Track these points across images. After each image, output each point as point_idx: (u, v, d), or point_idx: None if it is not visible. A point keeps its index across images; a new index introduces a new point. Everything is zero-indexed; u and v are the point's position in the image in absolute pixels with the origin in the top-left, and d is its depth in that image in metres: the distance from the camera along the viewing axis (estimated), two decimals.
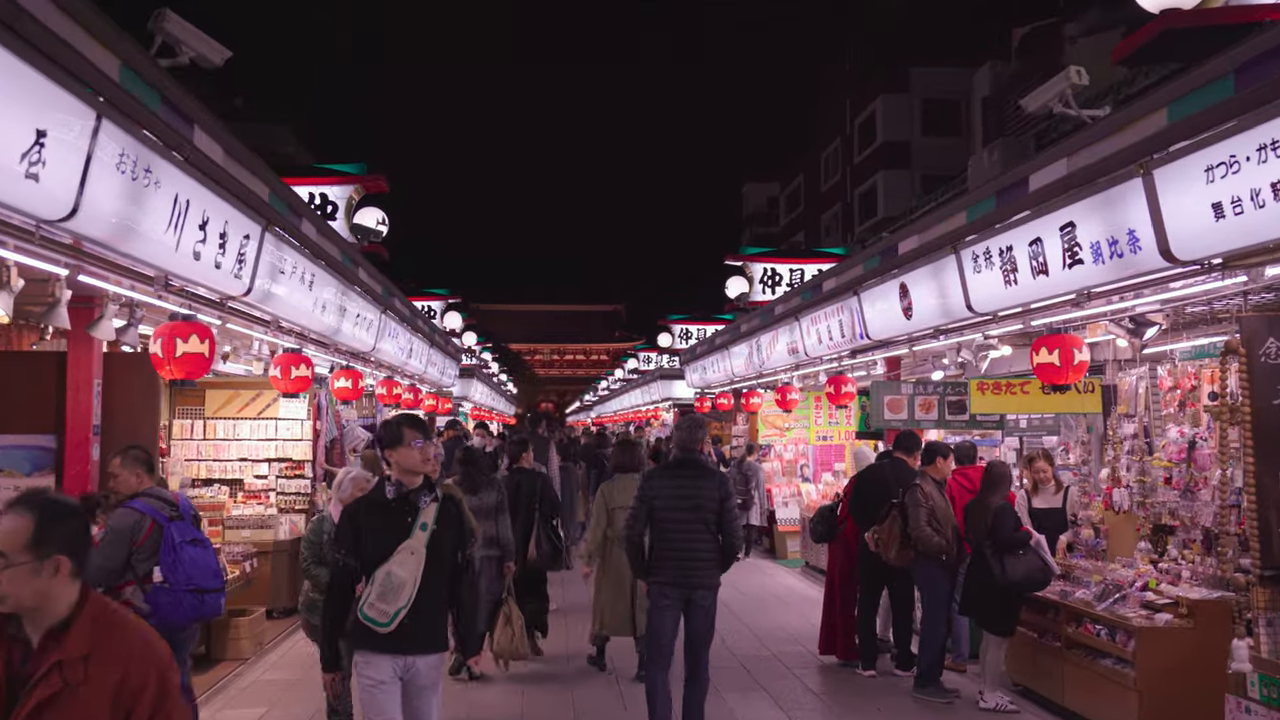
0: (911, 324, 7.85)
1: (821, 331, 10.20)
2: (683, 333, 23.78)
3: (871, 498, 7.55)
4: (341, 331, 8.81)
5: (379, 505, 4.15)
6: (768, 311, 12.39)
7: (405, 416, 4.54)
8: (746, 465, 13.90)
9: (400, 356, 12.20)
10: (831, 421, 15.29)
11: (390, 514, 4.10)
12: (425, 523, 4.08)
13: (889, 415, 10.55)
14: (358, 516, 4.15)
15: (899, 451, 7.69)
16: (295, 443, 10.08)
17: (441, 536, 4.10)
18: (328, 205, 10.22)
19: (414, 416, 4.88)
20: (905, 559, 6.93)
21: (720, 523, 5.60)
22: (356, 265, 8.86)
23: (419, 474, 4.15)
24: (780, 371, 13.02)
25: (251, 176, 5.72)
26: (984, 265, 6.33)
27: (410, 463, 4.11)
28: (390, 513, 4.10)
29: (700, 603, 5.58)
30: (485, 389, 27.90)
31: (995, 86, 31.48)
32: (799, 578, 12.66)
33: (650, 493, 5.69)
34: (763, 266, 15.12)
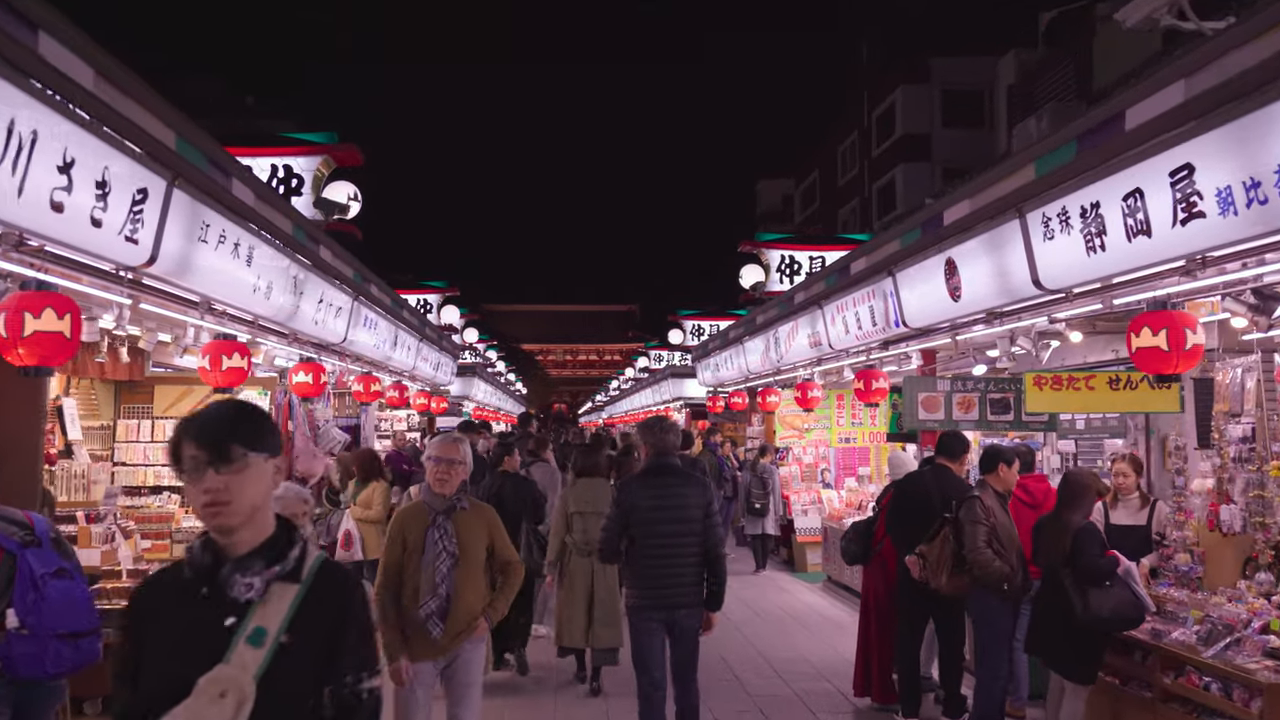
0: (959, 307, 6.65)
1: (849, 320, 9.01)
2: (695, 329, 22.60)
3: (911, 512, 6.36)
4: (300, 318, 7.68)
5: (176, 590, 2.05)
6: (786, 300, 11.20)
7: None
8: (761, 468, 12.68)
9: (382, 349, 11.06)
10: (855, 422, 14.07)
11: (192, 608, 2.01)
12: (261, 629, 1.99)
13: (923, 415, 9.43)
14: (140, 615, 2.08)
15: (942, 457, 6.49)
16: None
17: (294, 658, 1.98)
18: (292, 179, 9.09)
19: None
20: (958, 587, 5.73)
21: (705, 534, 5.15)
22: (316, 242, 7.73)
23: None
24: (800, 367, 11.82)
25: (148, 115, 4.59)
26: (1058, 230, 5.14)
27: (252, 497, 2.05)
28: (192, 606, 2.01)
29: (684, 624, 5.16)
30: (489, 388, 26.76)
31: (1021, 74, 30.32)
32: (821, 594, 11.46)
33: (628, 503, 5.21)
34: (780, 254, 13.93)
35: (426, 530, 4.49)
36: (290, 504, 4.26)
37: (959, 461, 6.54)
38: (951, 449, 6.45)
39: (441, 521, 4.51)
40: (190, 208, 5.13)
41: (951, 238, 6.46)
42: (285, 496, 4.24)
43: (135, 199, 4.53)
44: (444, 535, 4.47)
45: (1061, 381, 7.22)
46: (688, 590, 5.11)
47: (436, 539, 4.47)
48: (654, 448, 5.35)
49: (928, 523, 6.07)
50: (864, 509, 11.55)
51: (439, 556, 4.44)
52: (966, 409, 9.63)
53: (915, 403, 9.35)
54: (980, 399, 9.45)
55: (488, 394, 26.87)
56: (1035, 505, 6.26)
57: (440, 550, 4.45)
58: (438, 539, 4.47)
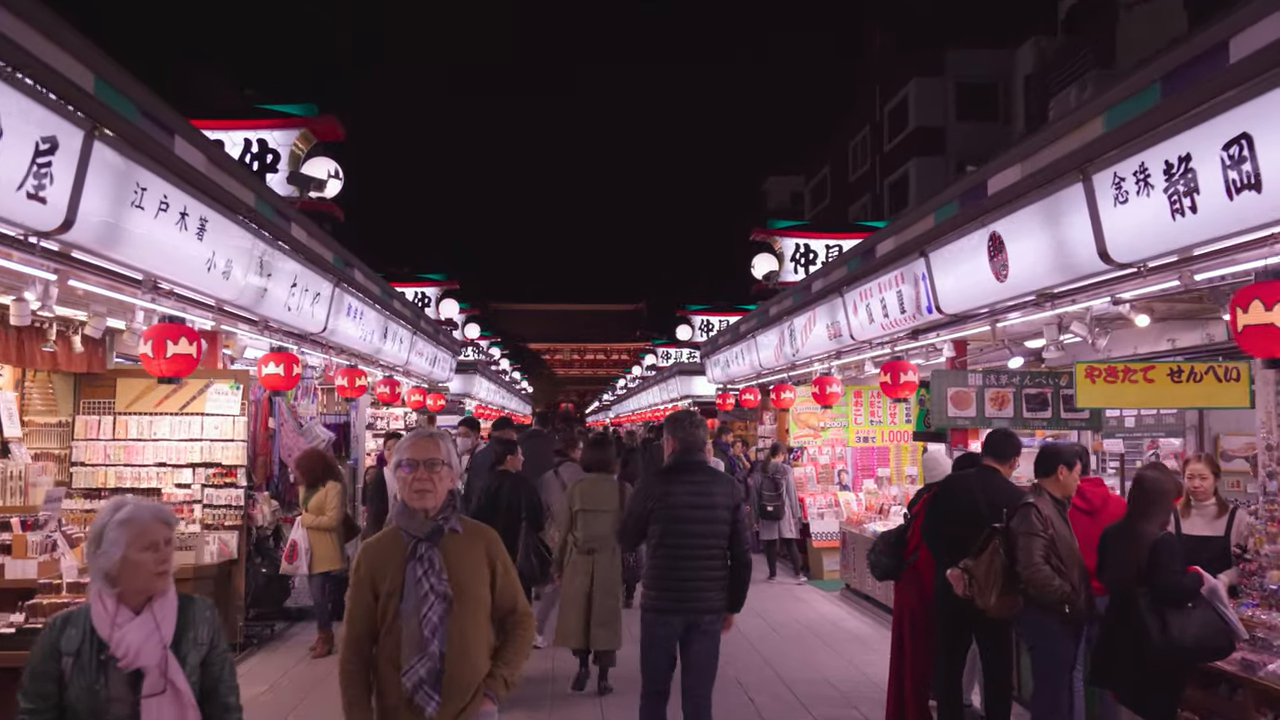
0: (1005, 289, 5.89)
1: (873, 308, 8.25)
2: (703, 324, 21.87)
3: (954, 520, 5.58)
4: (269, 303, 6.96)
5: None
6: (803, 289, 10.45)
7: None
8: (774, 468, 11.88)
9: (370, 341, 10.33)
10: (874, 420, 13.30)
11: None
12: None
13: (953, 412, 8.69)
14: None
15: (990, 458, 5.71)
16: (226, 444, 8.20)
17: None
18: (267, 154, 8.37)
19: None
20: (1009, 608, 4.95)
21: (733, 536, 4.90)
22: (288, 220, 7.00)
23: None
24: (817, 361, 11.06)
25: (58, 51, 3.86)
26: (1133, 191, 4.37)
27: None
28: None
29: (706, 629, 4.86)
30: (491, 386, 26.03)
31: (1039, 64, 29.58)
32: (839, 604, 10.70)
33: (653, 498, 4.90)
34: (794, 242, 13.18)
35: (406, 564, 3.19)
36: (148, 529, 2.73)
37: (1009, 464, 5.76)
38: (1001, 449, 5.66)
39: (425, 551, 3.19)
40: (119, 167, 4.40)
41: (997, 209, 5.69)
42: (136, 518, 2.71)
43: (40, 149, 3.79)
44: (430, 570, 3.17)
45: (1117, 373, 6.45)
46: (711, 594, 4.85)
47: (420, 575, 3.16)
48: (682, 443, 5.05)
49: (972, 532, 5.31)
50: (886, 513, 10.78)
51: (425, 601, 3.13)
52: (1001, 405, 8.89)
53: (945, 399, 8.62)
54: (1016, 394, 8.73)
55: (490, 392, 26.13)
56: (1093, 512, 5.48)
57: (427, 591, 3.14)
58: (421, 575, 3.16)
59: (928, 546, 5.95)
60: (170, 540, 2.79)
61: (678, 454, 5.05)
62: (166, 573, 2.77)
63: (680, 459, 5.02)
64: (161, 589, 2.76)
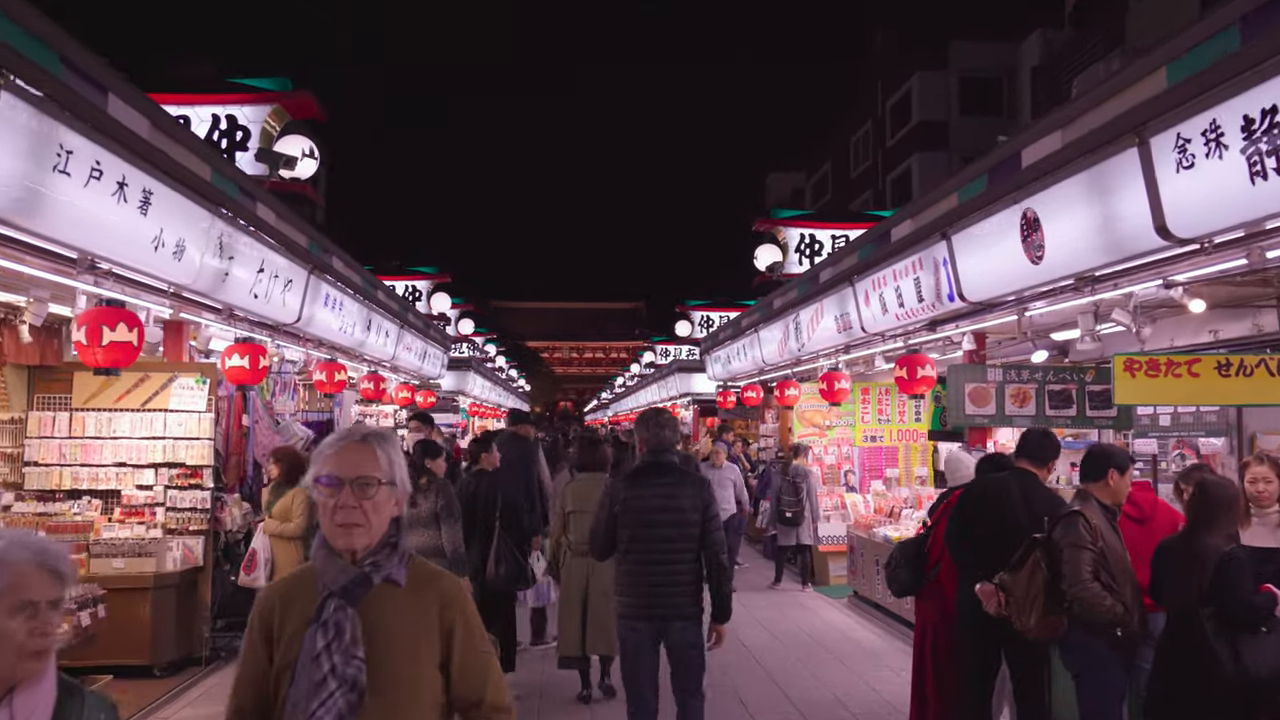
0: (1039, 272, 5.32)
1: (887, 298, 7.68)
2: (703, 320, 21.28)
3: (985, 529, 5.00)
4: (231, 288, 6.38)
5: None
6: (810, 279, 9.88)
7: None
8: (795, 470, 11.23)
9: (351, 334, 9.76)
10: (881, 419, 12.71)
11: None
12: None
13: (971, 409, 8.13)
14: None
15: (1025, 460, 5.13)
16: (191, 443, 7.62)
17: None
18: (236, 131, 7.78)
19: None
20: (1052, 630, 4.37)
21: (703, 539, 4.70)
22: (253, 199, 6.42)
23: None
24: (824, 356, 10.50)
25: None
26: (1200, 154, 3.80)
27: None
28: None
29: (681, 639, 4.68)
30: (486, 383, 25.44)
31: (1046, 55, 29.08)
32: (847, 612, 10.13)
33: (618, 502, 4.72)
34: (799, 232, 12.60)
35: (307, 629, 2.15)
36: (23, 582, 1.84)
37: (1047, 467, 5.16)
38: (1039, 451, 5.07)
39: (333, 614, 2.14)
40: (33, 122, 3.82)
41: (1033, 183, 5.12)
42: (4, 562, 1.84)
43: None
44: (336, 643, 2.11)
45: (1159, 367, 5.87)
46: (681, 600, 4.67)
47: (320, 650, 2.10)
48: (649, 443, 4.86)
49: (1007, 543, 4.73)
50: (896, 517, 10.21)
51: (321, 689, 2.08)
52: (1022, 402, 8.34)
53: (962, 395, 8.07)
54: (1038, 390, 8.17)
55: (486, 390, 25.54)
56: (1143, 520, 4.89)
57: (325, 675, 2.09)
58: (323, 650, 2.10)
59: (952, 557, 5.37)
60: (59, 602, 1.90)
61: (644, 455, 4.86)
62: (46, 651, 1.87)
63: (647, 460, 4.82)
64: (32, 673, 1.86)
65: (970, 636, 5.12)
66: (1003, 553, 4.75)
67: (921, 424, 12.74)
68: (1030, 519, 4.73)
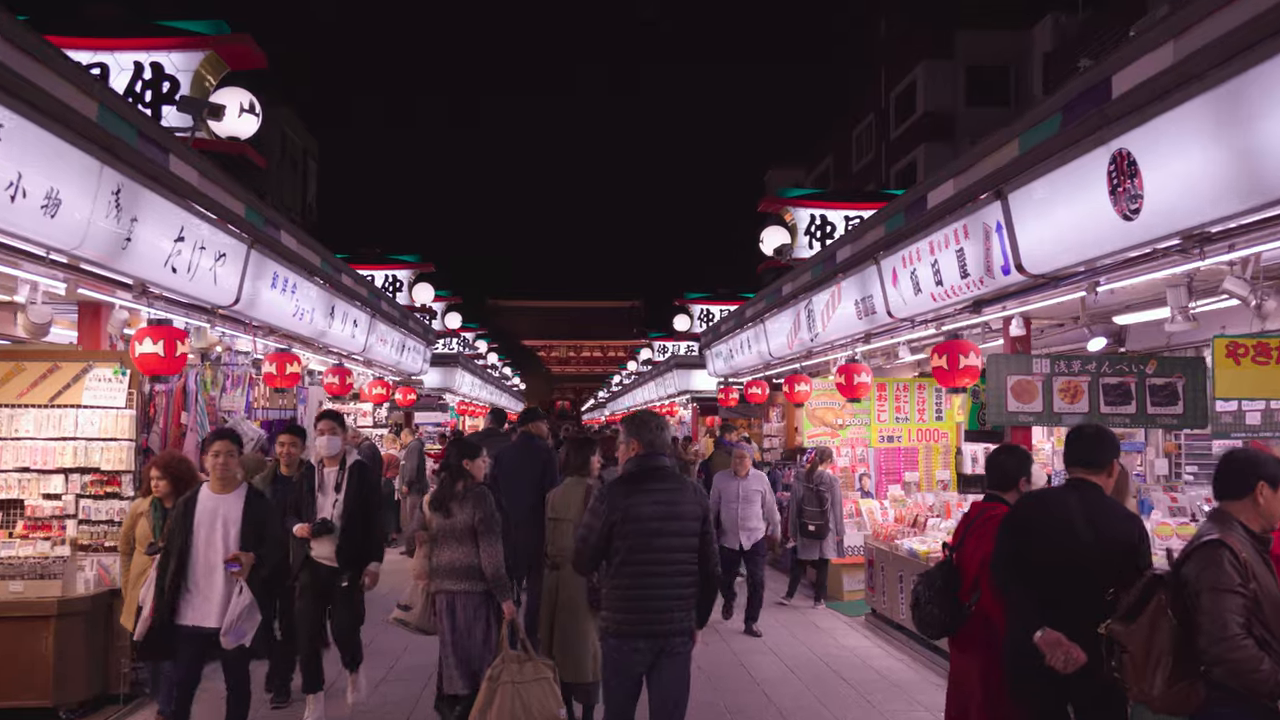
0: (1134, 230, 4.20)
1: (921, 276, 6.58)
2: (703, 314, 20.18)
3: (1041, 557, 3.90)
4: (135, 257, 5.28)
5: None
6: (825, 260, 8.78)
7: None
8: (819, 477, 10.10)
9: (310, 320, 8.66)
10: (899, 417, 11.62)
11: None
12: None
13: (1014, 405, 7.11)
14: None
15: (1077, 467, 4.02)
16: (108, 444, 6.53)
17: None
18: (163, 81, 6.67)
19: None
20: (1187, 702, 3.24)
21: (702, 549, 4.42)
22: (164, 150, 5.32)
23: None
24: (839, 347, 9.40)
25: None
26: None
27: None
28: None
29: (676, 651, 4.37)
30: (476, 380, 24.32)
31: (1059, 41, 28.08)
32: (865, 634, 9.04)
33: (614, 511, 4.34)
34: (809, 213, 11.49)
35: None
36: None
37: (1107, 472, 4.08)
38: (1094, 451, 3.96)
39: None
40: None
41: (1129, 115, 4.03)
42: None
43: None
44: None
45: (1270, 352, 4.79)
46: (681, 614, 4.36)
47: None
48: (648, 446, 4.45)
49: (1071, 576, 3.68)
50: (921, 527, 9.10)
51: None
52: (1073, 397, 7.30)
53: (1004, 389, 7.03)
54: (1091, 384, 7.14)
55: (475, 387, 24.41)
56: None
57: None
58: None
59: (999, 587, 4.23)
60: None
61: (640, 459, 4.47)
62: None
63: (642, 465, 4.45)
64: None
65: (1027, 692, 4.01)
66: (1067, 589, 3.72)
67: (943, 423, 11.66)
68: (1102, 545, 3.68)
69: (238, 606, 4.87)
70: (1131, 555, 3.82)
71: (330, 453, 6.05)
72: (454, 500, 5.50)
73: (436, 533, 5.56)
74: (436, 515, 5.56)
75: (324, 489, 6.03)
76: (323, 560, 5.97)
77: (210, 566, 4.95)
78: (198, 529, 4.99)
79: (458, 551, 5.43)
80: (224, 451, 5.64)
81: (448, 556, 5.46)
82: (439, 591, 5.54)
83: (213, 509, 5.05)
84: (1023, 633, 3.89)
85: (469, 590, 5.44)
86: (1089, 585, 3.77)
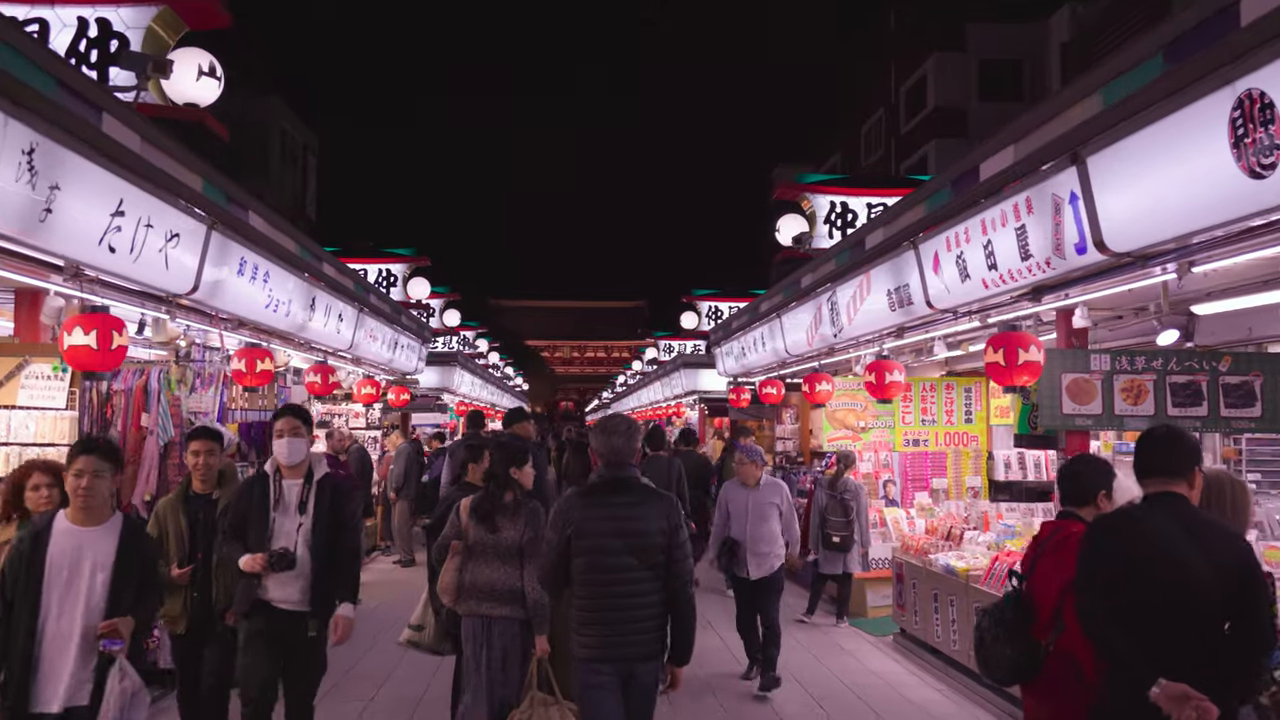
0: (1265, 193, 3.41)
1: (971, 259, 5.77)
2: (711, 311, 19.41)
3: (1143, 591, 3.13)
4: (62, 232, 4.50)
5: None
6: (852, 246, 7.99)
7: None
8: (845, 485, 9.27)
9: (286, 313, 7.88)
10: (926, 419, 10.82)
11: None
12: None
13: (1070, 407, 6.39)
14: None
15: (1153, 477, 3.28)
16: (45, 450, 5.76)
17: None
18: (110, 39, 5.90)
19: None
20: None
21: (668, 566, 4.03)
22: (93, 106, 4.54)
23: None
24: (865, 342, 8.60)
25: None
26: None
27: None
28: None
29: (642, 680, 4.07)
30: (476, 380, 23.53)
31: (1076, 30, 27.34)
32: (895, 656, 8.24)
33: (566, 525, 4.08)
34: (829, 199, 10.69)
35: None
36: None
37: (1188, 482, 3.32)
38: (1172, 458, 3.27)
39: None
40: None
41: (1259, 49, 3.24)
42: None
43: None
44: None
45: None
46: (648, 637, 4.07)
47: None
48: (610, 455, 4.21)
49: (1184, 613, 2.92)
50: (957, 540, 8.29)
51: None
52: (1136, 398, 6.56)
53: (1058, 388, 6.29)
54: (1157, 383, 6.39)
55: (475, 388, 23.61)
56: None
57: None
58: None
59: (1090, 632, 3.43)
60: None
61: (600, 469, 4.26)
62: None
63: (603, 475, 4.22)
64: None
65: None
66: (1174, 627, 2.97)
67: (973, 425, 10.85)
68: (1212, 571, 2.94)
69: (118, 700, 3.55)
70: (1249, 581, 3.09)
71: (291, 460, 4.68)
72: (501, 514, 4.80)
73: (475, 546, 4.82)
74: (479, 528, 4.83)
75: (284, 508, 4.64)
76: (281, 604, 4.57)
77: (63, 635, 3.62)
78: (49, 576, 3.64)
79: (500, 571, 4.79)
80: (204, 450, 4.91)
81: (487, 575, 4.78)
82: (471, 614, 4.82)
83: (74, 548, 3.70)
84: (1128, 685, 3.12)
85: (509, 616, 4.76)
86: (1200, 621, 3.06)
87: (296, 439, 4.70)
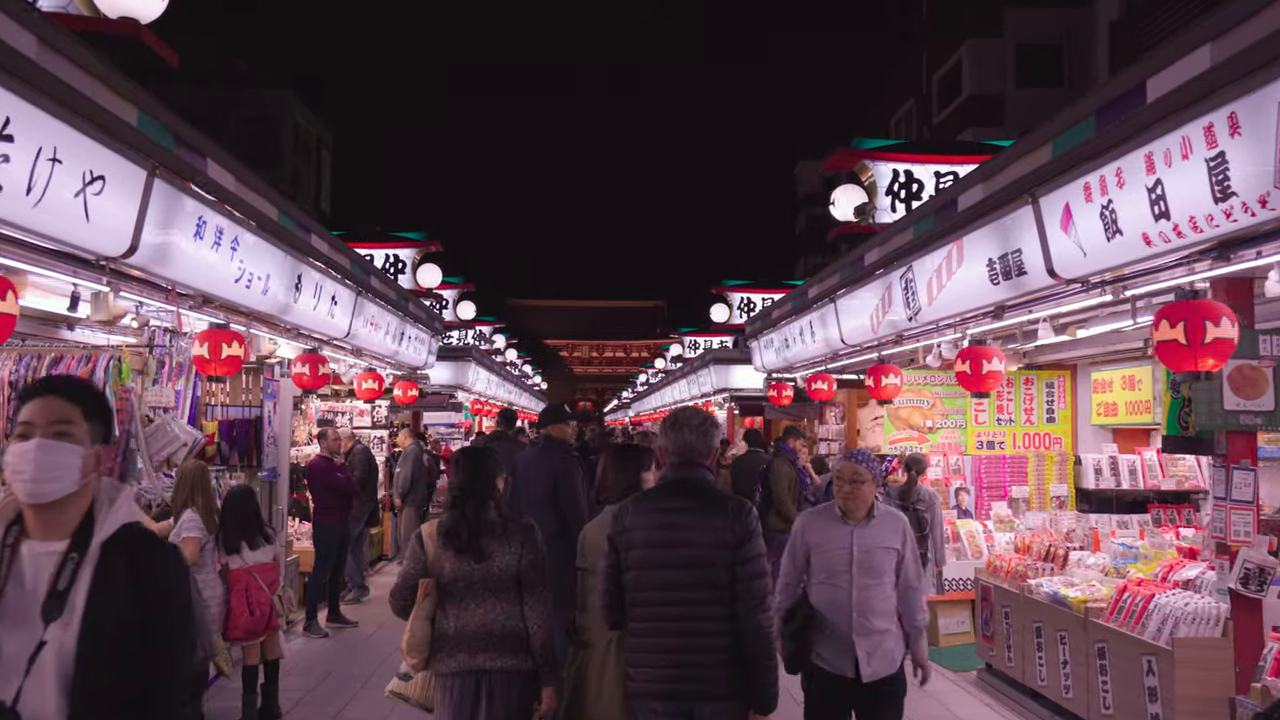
0: None
1: (1124, 208, 4.43)
2: (743, 303, 18.11)
3: None
4: None
5: None
6: (938, 210, 6.67)
7: None
8: (919, 494, 7.96)
9: (265, 291, 6.65)
10: (1002, 418, 9.50)
11: None
12: None
13: (1233, 402, 5.16)
14: None
15: None
16: None
17: None
18: None
19: None
20: None
21: (734, 586, 3.33)
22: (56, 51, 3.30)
23: None
24: (948, 326, 7.28)
25: None
26: None
27: None
28: None
29: None
30: (493, 378, 22.28)
31: (1126, 7, 26.02)
32: (984, 698, 6.95)
33: (623, 538, 3.47)
34: (891, 168, 9.37)
35: None
36: None
37: None
38: None
39: None
40: None
41: None
42: None
43: None
44: None
45: None
46: (714, 673, 3.33)
47: None
48: (680, 452, 3.52)
49: None
50: (1061, 562, 6.96)
51: None
52: None
53: (1218, 379, 4.97)
54: None
55: (492, 385, 22.35)
56: None
57: None
58: None
59: None
60: None
61: (666, 469, 3.61)
62: None
63: (666, 476, 3.59)
64: None
65: None
66: None
67: (1057, 425, 9.52)
68: None
69: None
70: None
71: (38, 494, 2.04)
72: (490, 537, 3.70)
73: (454, 583, 3.66)
74: (458, 559, 3.67)
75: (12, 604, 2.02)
76: None
77: None
78: None
79: (494, 610, 3.73)
80: None
81: (480, 618, 3.68)
82: (458, 673, 3.65)
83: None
84: None
85: (514, 669, 3.67)
86: None
87: (52, 444, 2.05)
